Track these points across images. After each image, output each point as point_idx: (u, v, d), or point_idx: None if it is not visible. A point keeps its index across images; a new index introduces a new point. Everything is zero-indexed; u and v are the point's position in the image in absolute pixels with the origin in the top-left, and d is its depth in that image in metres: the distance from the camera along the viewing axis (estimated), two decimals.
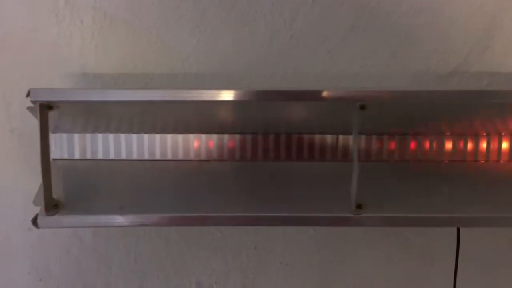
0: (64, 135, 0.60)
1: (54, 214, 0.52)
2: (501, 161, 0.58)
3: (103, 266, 0.71)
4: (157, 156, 0.61)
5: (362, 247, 0.70)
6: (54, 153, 0.60)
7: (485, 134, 0.58)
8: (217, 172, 0.60)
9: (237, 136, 0.60)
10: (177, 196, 0.56)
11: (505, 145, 0.58)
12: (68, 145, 0.60)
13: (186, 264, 0.72)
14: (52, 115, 0.54)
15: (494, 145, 0.58)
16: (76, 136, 0.60)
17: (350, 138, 0.59)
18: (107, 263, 0.71)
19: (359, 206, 0.52)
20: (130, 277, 0.72)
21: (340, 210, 0.53)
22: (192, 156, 0.61)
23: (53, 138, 0.60)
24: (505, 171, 0.58)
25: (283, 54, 0.66)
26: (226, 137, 0.60)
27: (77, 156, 0.60)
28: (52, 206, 0.52)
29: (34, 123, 0.54)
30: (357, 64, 0.66)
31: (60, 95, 0.51)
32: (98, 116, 0.58)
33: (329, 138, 0.60)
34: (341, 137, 0.59)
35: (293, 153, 0.60)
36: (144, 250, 0.71)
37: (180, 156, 0.61)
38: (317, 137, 0.60)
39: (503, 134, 0.58)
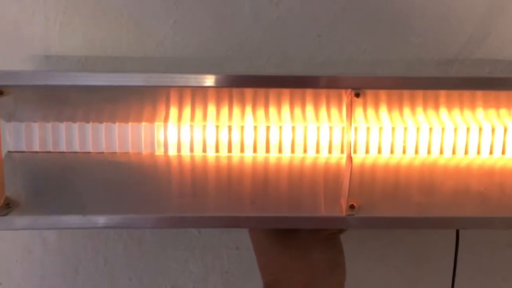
0: (22, 124, 0.53)
1: (6, 215, 0.46)
2: (506, 157, 0.54)
3: (69, 268, 0.65)
4: (128, 148, 0.55)
5: (353, 246, 0.65)
6: (10, 145, 0.53)
7: (489, 126, 0.54)
8: (195, 167, 0.54)
9: (219, 127, 0.55)
10: (149, 194, 0.50)
11: (510, 138, 0.53)
12: (26, 136, 0.54)
13: (161, 266, 0.66)
14: (6, 101, 0.48)
15: (498, 138, 0.53)
16: (35, 126, 0.53)
17: (343, 129, 0.54)
18: (74, 266, 0.65)
19: (351, 206, 0.47)
20: (99, 281, 0.66)
21: (331, 210, 0.48)
22: (167, 149, 0.55)
23: (8, 127, 0.53)
24: (509, 167, 0.53)
25: (269, 37, 0.60)
26: (206, 128, 0.55)
27: (36, 148, 0.54)
28: (4, 205, 0.46)
29: None
30: (349, 50, 0.61)
31: (12, 79, 0.44)
32: (60, 102, 0.52)
33: (318, 129, 0.54)
34: (332, 128, 0.54)
35: (279, 145, 0.55)
36: (114, 250, 0.65)
37: (154, 149, 0.55)
38: (305, 128, 0.54)
39: (507, 127, 0.54)
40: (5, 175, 0.47)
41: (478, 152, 0.54)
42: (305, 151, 0.55)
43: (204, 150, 0.55)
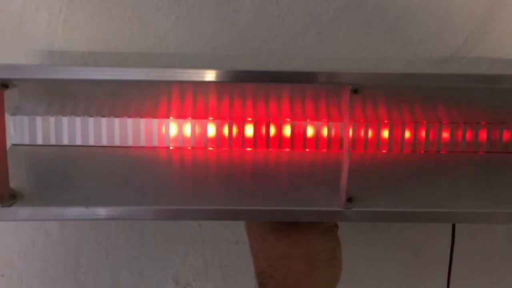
0: (25, 118, 0.54)
1: (10, 206, 0.46)
2: (502, 152, 0.55)
3: (71, 260, 0.66)
4: (129, 142, 0.56)
5: (351, 241, 0.66)
6: (14, 138, 0.54)
7: (484, 123, 0.54)
8: (196, 160, 0.55)
9: (218, 122, 0.55)
10: (150, 187, 0.51)
11: (506, 135, 0.54)
12: (30, 129, 0.55)
13: (162, 259, 0.67)
14: (11, 95, 0.49)
15: (494, 135, 0.54)
16: (39, 119, 0.54)
17: (341, 125, 0.54)
18: (76, 258, 0.66)
19: (349, 200, 0.48)
20: (101, 273, 0.67)
21: (329, 203, 0.49)
22: (168, 143, 0.56)
23: (12, 120, 0.54)
24: (506, 163, 0.54)
25: (270, 34, 0.61)
26: (206, 122, 0.56)
27: (39, 141, 0.55)
28: (8, 196, 0.47)
29: None
30: (349, 47, 0.61)
31: (16, 72, 0.45)
32: (63, 96, 0.53)
33: (317, 125, 0.55)
34: (331, 124, 0.55)
35: (278, 140, 0.56)
36: (116, 243, 0.66)
37: (155, 142, 0.56)
38: (305, 124, 0.55)
39: (504, 123, 0.54)
40: (10, 167, 0.48)
41: (475, 148, 0.55)
42: (304, 146, 0.56)
43: (205, 145, 0.56)
